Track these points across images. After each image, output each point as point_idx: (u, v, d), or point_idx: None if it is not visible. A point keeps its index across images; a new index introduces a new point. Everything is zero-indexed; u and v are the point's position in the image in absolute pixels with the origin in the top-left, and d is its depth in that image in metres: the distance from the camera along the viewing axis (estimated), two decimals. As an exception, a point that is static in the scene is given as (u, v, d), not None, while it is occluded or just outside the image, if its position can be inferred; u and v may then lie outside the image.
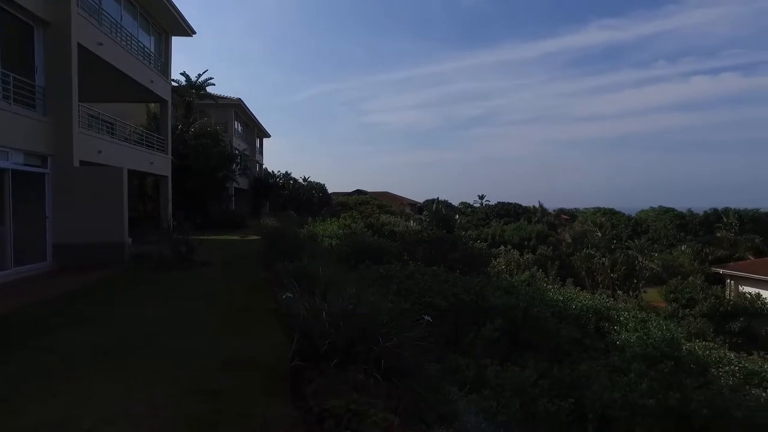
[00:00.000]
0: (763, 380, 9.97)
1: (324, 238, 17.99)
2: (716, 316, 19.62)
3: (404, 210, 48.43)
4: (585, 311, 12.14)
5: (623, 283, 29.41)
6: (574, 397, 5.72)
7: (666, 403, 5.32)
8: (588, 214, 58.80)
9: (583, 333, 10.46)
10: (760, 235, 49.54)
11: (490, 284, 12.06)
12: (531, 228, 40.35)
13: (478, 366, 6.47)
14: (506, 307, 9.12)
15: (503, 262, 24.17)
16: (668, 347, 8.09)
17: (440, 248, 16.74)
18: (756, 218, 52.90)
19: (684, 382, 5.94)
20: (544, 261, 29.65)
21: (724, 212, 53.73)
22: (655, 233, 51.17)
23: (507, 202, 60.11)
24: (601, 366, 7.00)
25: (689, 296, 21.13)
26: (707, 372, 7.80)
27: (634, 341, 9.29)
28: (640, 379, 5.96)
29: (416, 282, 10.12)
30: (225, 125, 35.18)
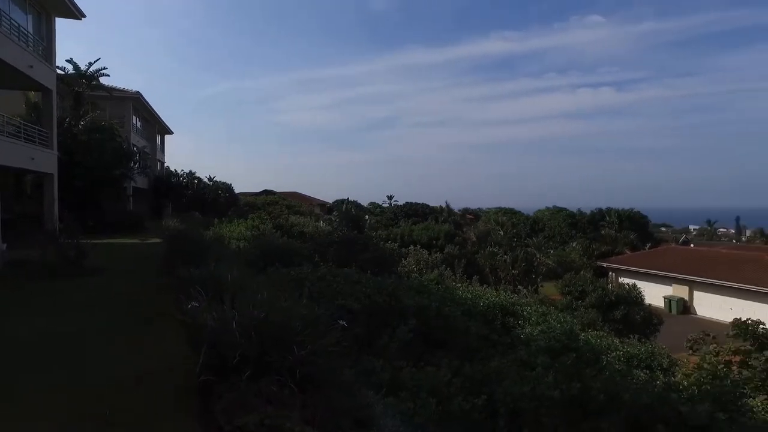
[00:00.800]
0: (642, 361, 11.06)
1: (231, 240, 17.22)
2: (603, 306, 21.49)
3: (314, 210, 47.92)
4: (492, 308, 12.70)
5: (523, 278, 31.30)
6: (486, 393, 5.90)
7: (569, 393, 5.65)
8: (491, 213, 61.96)
9: (491, 329, 10.93)
10: (635, 231, 55.29)
11: (402, 285, 12.21)
12: (439, 228, 41.70)
13: (394, 368, 6.47)
14: (419, 307, 9.25)
15: (413, 262, 24.70)
16: (568, 339, 8.67)
17: (351, 249, 16.69)
18: (631, 217, 58.91)
19: (584, 372, 6.37)
20: (452, 259, 30.75)
21: (607, 212, 59.18)
22: (550, 231, 55.07)
23: (415, 203, 61.71)
24: (510, 361, 7.32)
25: (581, 289, 22.96)
26: (600, 359, 8.47)
27: (537, 335, 9.86)
28: (546, 372, 6.30)
29: (328, 284, 9.96)
30: (122, 120, 32.53)
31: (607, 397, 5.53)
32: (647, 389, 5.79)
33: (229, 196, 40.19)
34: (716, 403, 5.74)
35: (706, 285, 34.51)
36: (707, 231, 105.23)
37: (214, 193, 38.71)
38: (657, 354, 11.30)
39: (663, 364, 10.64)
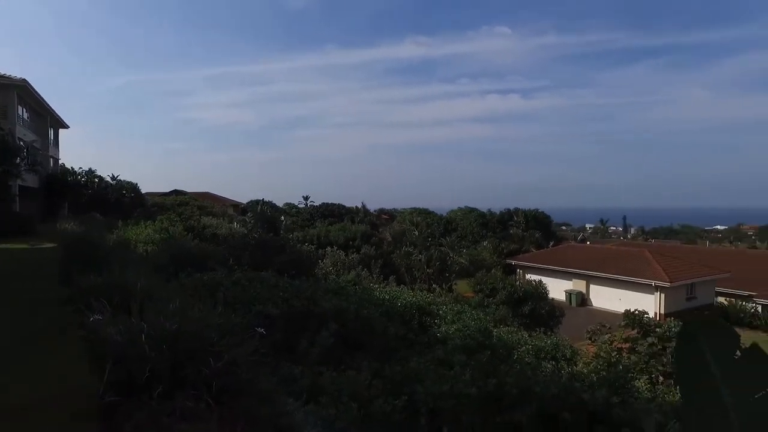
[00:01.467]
0: (548, 353, 11.84)
1: (138, 244, 16.12)
2: (512, 302, 22.71)
3: (227, 211, 46.15)
4: (409, 308, 12.95)
5: (438, 277, 32.23)
6: (406, 393, 6.00)
7: (486, 389, 5.90)
8: (406, 214, 63.26)
9: (409, 329, 11.15)
10: (540, 230, 59.07)
11: (321, 287, 12.10)
12: (355, 228, 41.86)
13: (314, 374, 6.39)
14: (338, 310, 9.22)
15: (330, 263, 24.59)
16: (482, 337, 9.06)
17: (267, 252, 16.28)
18: (536, 217, 62.81)
19: (498, 368, 6.68)
20: (369, 260, 30.99)
21: (514, 212, 62.61)
22: (463, 231, 57.24)
23: (331, 203, 61.51)
24: (429, 360, 7.51)
25: (492, 286, 24.10)
26: (512, 354, 8.95)
27: (453, 333, 10.20)
28: (464, 370, 6.53)
29: (244, 289, 9.64)
30: (4, 110, 29.25)
31: (519, 390, 5.85)
32: (554, 381, 6.20)
33: (134, 196, 37.61)
34: (611, 388, 6.27)
35: (600, 279, 37.61)
36: (600, 229, 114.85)
37: (117, 193, 36.05)
38: (561, 345, 12.14)
39: (566, 355, 11.45)
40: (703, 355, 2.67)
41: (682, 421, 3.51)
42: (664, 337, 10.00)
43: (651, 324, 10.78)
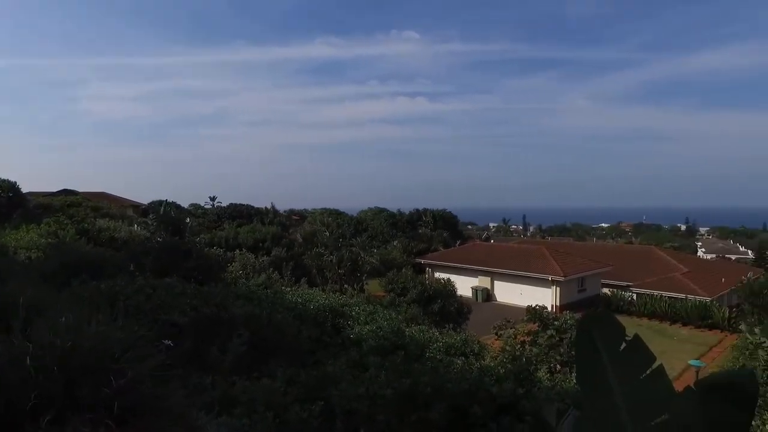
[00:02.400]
0: (458, 349, 12.33)
1: (19, 251, 14.49)
2: (423, 301, 23.36)
3: (126, 213, 42.94)
4: (322, 310, 12.85)
5: (349, 277, 32.33)
6: (322, 398, 5.96)
7: (401, 389, 6.01)
8: (316, 214, 62.83)
9: (322, 331, 11.06)
10: (447, 230, 61.39)
11: (230, 293, 11.66)
12: (265, 229, 40.80)
13: (226, 383, 6.14)
14: (249, 316, 8.94)
15: (239, 267, 23.76)
16: (396, 337, 9.22)
17: (172, 256, 15.38)
18: (444, 217, 65.19)
19: (412, 368, 6.84)
20: (280, 262, 30.36)
21: (423, 212, 64.49)
22: (373, 231, 57.91)
23: (239, 204, 59.43)
24: (344, 363, 7.50)
25: (403, 285, 24.60)
26: (424, 353, 9.19)
27: (366, 334, 10.27)
28: (378, 372, 6.61)
29: (148, 297, 9.03)
30: None
31: (433, 388, 6.03)
32: (465, 376, 6.47)
33: (12, 196, 33.69)
34: (517, 380, 6.67)
35: (503, 275, 39.86)
36: (503, 228, 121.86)
37: (-12, 192, 32.12)
38: (469, 341, 12.68)
39: (475, 350, 11.99)
40: (595, 345, 2.92)
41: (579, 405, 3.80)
42: (561, 329, 10.84)
43: (550, 317, 11.63)
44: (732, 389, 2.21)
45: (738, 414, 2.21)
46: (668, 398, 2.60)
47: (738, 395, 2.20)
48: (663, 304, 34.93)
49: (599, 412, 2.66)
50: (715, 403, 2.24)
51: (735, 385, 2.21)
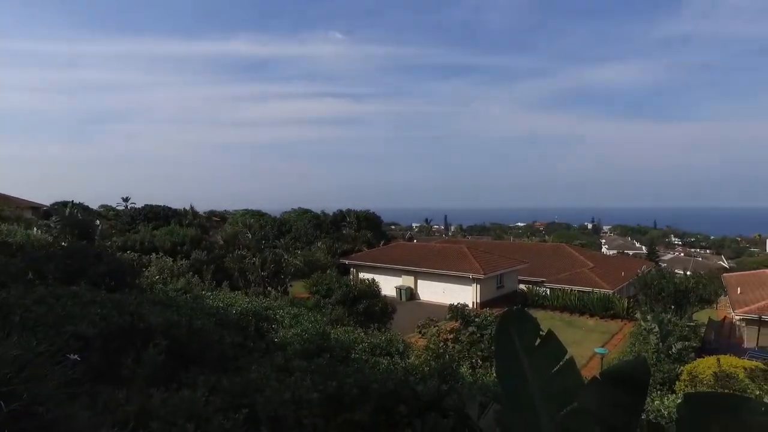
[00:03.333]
0: (383, 349, 12.50)
1: None
2: (348, 302, 23.40)
3: (23, 215, 39.21)
4: (245, 314, 12.51)
5: (273, 279, 31.73)
6: (247, 405, 5.81)
7: (327, 392, 6.01)
8: (238, 215, 61.02)
9: (246, 336, 10.76)
10: (371, 230, 61.94)
11: (146, 299, 11.03)
12: (184, 232, 38.98)
13: (142, 397, 5.81)
14: (168, 323, 8.51)
15: (156, 271, 22.51)
16: (321, 339, 9.18)
17: (80, 262, 14.25)
18: (368, 217, 65.70)
19: (338, 370, 6.85)
20: (200, 265, 29.16)
21: (347, 213, 64.58)
22: (297, 232, 57.16)
23: (155, 205, 56.31)
24: (268, 368, 7.35)
25: (327, 287, 24.50)
26: (350, 354, 9.23)
27: (291, 337, 10.14)
28: (304, 376, 6.55)
29: (51, 308, 8.31)
30: None
31: (359, 390, 6.09)
32: (391, 376, 6.59)
33: None
34: (440, 378, 6.89)
35: (426, 274, 40.86)
36: (425, 228, 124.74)
37: None
38: (394, 341, 12.89)
39: (399, 349, 12.20)
40: (512, 341, 3.10)
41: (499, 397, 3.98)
42: (482, 325, 11.32)
43: (471, 315, 12.10)
44: (629, 377, 2.47)
45: (635, 397, 2.47)
46: (578, 387, 2.83)
47: (634, 381, 2.46)
48: (573, 297, 37.47)
49: (518, 404, 2.83)
50: (616, 389, 2.48)
51: (631, 373, 2.47)
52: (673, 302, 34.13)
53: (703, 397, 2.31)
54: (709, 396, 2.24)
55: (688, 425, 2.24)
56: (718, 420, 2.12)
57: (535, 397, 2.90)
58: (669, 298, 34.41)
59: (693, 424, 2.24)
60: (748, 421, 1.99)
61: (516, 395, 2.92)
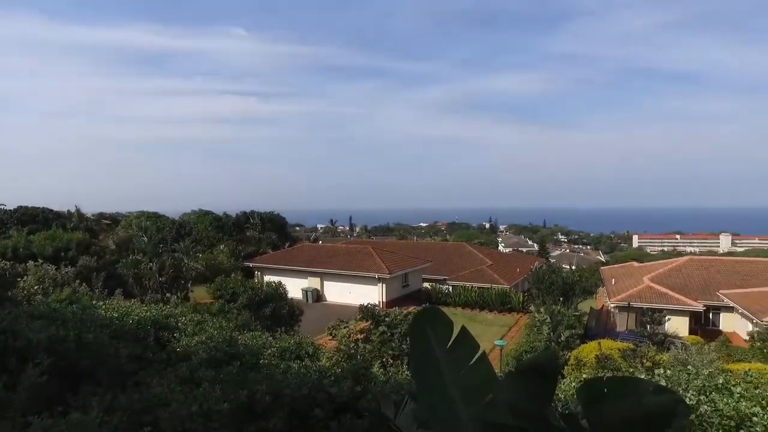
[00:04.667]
0: (293, 353, 12.28)
1: None
2: (254, 306, 22.68)
3: None
4: (143, 324, 11.65)
5: (172, 285, 29.95)
6: (149, 422, 5.42)
7: (238, 402, 5.78)
8: (132, 218, 56.78)
9: (145, 347, 10.02)
10: (276, 232, 60.66)
11: (24, 313, 9.87)
12: (68, 236, 35.43)
13: (18, 426, 5.21)
14: (52, 339, 7.68)
15: (34, 281, 20.21)
16: (229, 346, 8.80)
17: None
18: (272, 219, 64.28)
19: (248, 378, 6.61)
20: (88, 273, 26.71)
21: (251, 214, 62.66)
22: (197, 235, 54.40)
23: (33, 207, 50.63)
24: (173, 380, 6.90)
25: (232, 291, 23.58)
26: (260, 360, 8.94)
27: (196, 346, 9.61)
28: (213, 386, 6.24)
29: None
30: None
31: (272, 397, 5.92)
32: (305, 380, 6.48)
33: None
34: (354, 379, 6.90)
35: (332, 275, 40.80)
36: (331, 229, 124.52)
37: None
38: (303, 343, 12.70)
39: (309, 352, 12.06)
40: (427, 340, 3.21)
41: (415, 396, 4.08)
42: (392, 324, 11.52)
43: (381, 315, 12.28)
44: (541, 368, 2.65)
45: (546, 386, 2.66)
46: (492, 380, 2.99)
47: (545, 372, 2.64)
48: (473, 293, 39.41)
49: (435, 400, 2.93)
50: (530, 381, 2.65)
51: (543, 365, 2.65)
52: (561, 294, 37.20)
53: (600, 381, 2.54)
54: (605, 380, 2.46)
55: (589, 409, 2.45)
56: (615, 402, 2.35)
57: (452, 392, 3.00)
58: (558, 291, 37.44)
59: (593, 407, 2.46)
60: (642, 400, 2.22)
61: (433, 392, 3.01)
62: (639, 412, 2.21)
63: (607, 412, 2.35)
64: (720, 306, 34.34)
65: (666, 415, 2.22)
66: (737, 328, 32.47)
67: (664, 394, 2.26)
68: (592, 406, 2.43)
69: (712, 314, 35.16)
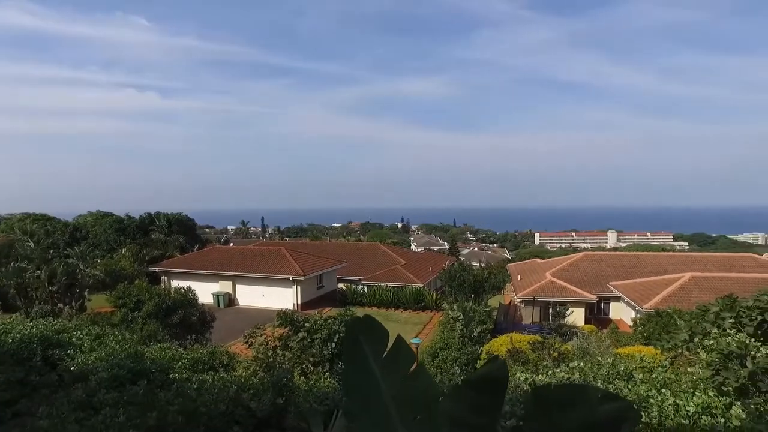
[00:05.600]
0: (205, 363, 11.54)
1: None
2: (161, 314, 21.14)
3: None
4: (27, 342, 10.34)
5: (65, 294, 27.27)
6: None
7: (146, 427, 5.23)
8: (14, 221, 51.03)
9: (29, 369, 8.87)
10: (184, 234, 57.50)
11: None
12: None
13: None
14: None
15: None
16: (134, 362, 8.02)
17: None
18: (180, 220, 60.92)
19: (158, 397, 6.03)
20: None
21: (156, 216, 58.86)
22: (95, 239, 50.17)
23: None
24: (65, 407, 6.09)
25: (136, 298, 21.83)
26: (170, 375, 8.21)
27: (94, 363, 8.66)
28: (116, 410, 5.60)
29: None
30: None
31: (185, 417, 5.43)
32: (221, 396, 6.03)
33: None
34: (275, 391, 6.55)
35: (245, 278, 39.35)
36: (242, 230, 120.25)
37: None
38: (217, 353, 11.98)
39: (224, 362, 11.39)
40: (362, 350, 3.01)
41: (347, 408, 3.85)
42: (312, 329, 11.19)
43: (300, 320, 11.89)
44: (489, 379, 2.54)
45: (495, 397, 2.54)
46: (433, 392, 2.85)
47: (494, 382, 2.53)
48: (388, 293, 39.82)
49: (372, 414, 2.74)
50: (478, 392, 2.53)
51: (491, 376, 2.54)
52: (472, 291, 38.68)
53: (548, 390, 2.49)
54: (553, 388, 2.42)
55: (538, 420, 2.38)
56: (564, 411, 2.30)
57: (389, 406, 2.82)
58: (469, 288, 38.88)
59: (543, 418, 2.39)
60: (592, 409, 2.19)
61: (369, 406, 2.82)
62: (590, 421, 2.18)
63: (557, 423, 2.30)
64: (609, 296, 37.52)
65: (617, 422, 2.21)
66: (623, 315, 35.65)
67: (614, 401, 2.25)
68: (542, 417, 2.37)
69: (603, 304, 38.36)
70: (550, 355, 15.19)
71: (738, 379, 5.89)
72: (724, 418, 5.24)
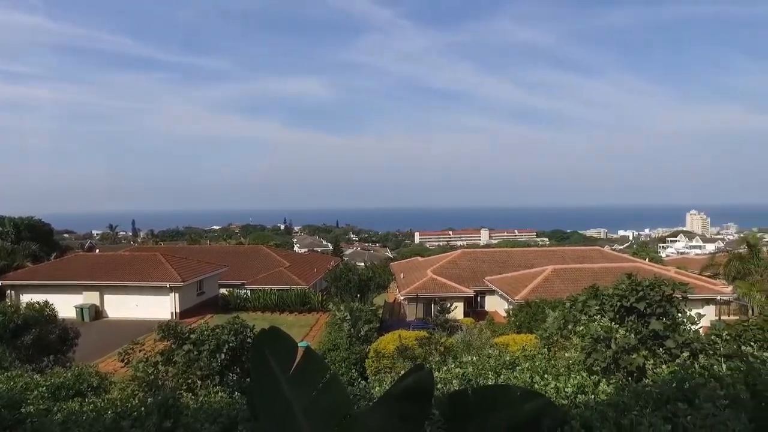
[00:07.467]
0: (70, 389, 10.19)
1: None
2: (7, 335, 18.37)
3: None
4: None
5: None
6: None
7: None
8: None
9: None
10: (37, 241, 50.93)
11: None
12: None
13: None
14: None
15: None
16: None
17: None
18: (32, 225, 53.96)
19: None
20: None
21: (1, 221, 51.45)
22: None
23: None
24: None
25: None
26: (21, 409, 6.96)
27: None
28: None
29: None
30: None
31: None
32: (95, 427, 5.36)
33: None
34: (161, 413, 6.00)
35: (114, 287, 35.93)
36: (110, 235, 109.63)
37: None
38: (84, 374, 10.66)
39: (93, 384, 10.17)
40: (269, 364, 2.86)
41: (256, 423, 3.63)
42: (199, 341, 10.47)
43: (185, 332, 11.07)
44: (414, 389, 2.53)
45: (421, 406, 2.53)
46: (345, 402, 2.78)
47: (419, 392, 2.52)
48: (273, 296, 38.83)
49: (278, 425, 2.59)
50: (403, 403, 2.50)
51: (416, 386, 2.54)
52: (358, 291, 39.20)
53: (465, 395, 2.53)
54: (471, 393, 2.46)
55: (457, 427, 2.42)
56: (486, 415, 2.36)
57: (301, 420, 2.72)
58: (355, 288, 39.36)
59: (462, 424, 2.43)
60: (515, 409, 2.27)
61: (279, 423, 2.70)
62: (515, 422, 2.26)
63: (482, 426, 2.36)
64: (485, 290, 40.34)
65: (538, 419, 2.32)
66: (498, 308, 38.55)
67: (534, 399, 2.36)
68: (461, 424, 2.41)
69: (480, 298, 41.13)
70: (437, 349, 15.87)
71: (605, 359, 6.66)
72: (593, 394, 5.87)
